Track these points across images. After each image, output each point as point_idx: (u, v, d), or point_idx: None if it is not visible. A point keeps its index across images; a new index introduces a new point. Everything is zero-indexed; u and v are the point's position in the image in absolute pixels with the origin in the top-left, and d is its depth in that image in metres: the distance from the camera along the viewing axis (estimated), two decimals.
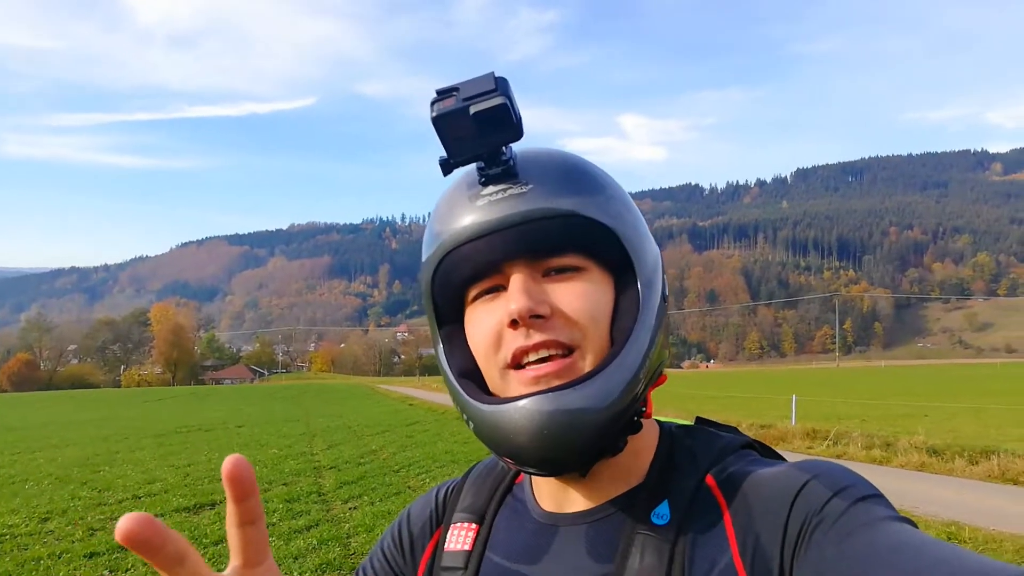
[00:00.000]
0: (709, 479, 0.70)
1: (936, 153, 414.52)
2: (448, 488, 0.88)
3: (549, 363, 0.66)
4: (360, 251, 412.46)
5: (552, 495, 0.76)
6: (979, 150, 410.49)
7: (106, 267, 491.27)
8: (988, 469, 10.22)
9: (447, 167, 0.66)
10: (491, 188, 0.68)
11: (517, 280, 0.67)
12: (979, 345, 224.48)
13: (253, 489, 0.47)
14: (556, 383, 0.65)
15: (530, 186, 0.67)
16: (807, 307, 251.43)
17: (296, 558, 6.50)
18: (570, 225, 0.67)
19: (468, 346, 0.73)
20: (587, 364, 0.67)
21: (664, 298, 0.73)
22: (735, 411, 21.08)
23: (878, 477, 10.19)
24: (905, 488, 9.35)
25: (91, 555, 6.68)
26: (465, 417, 0.70)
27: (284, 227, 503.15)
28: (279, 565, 6.30)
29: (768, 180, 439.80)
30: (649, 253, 0.73)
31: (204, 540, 7.15)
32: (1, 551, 7.03)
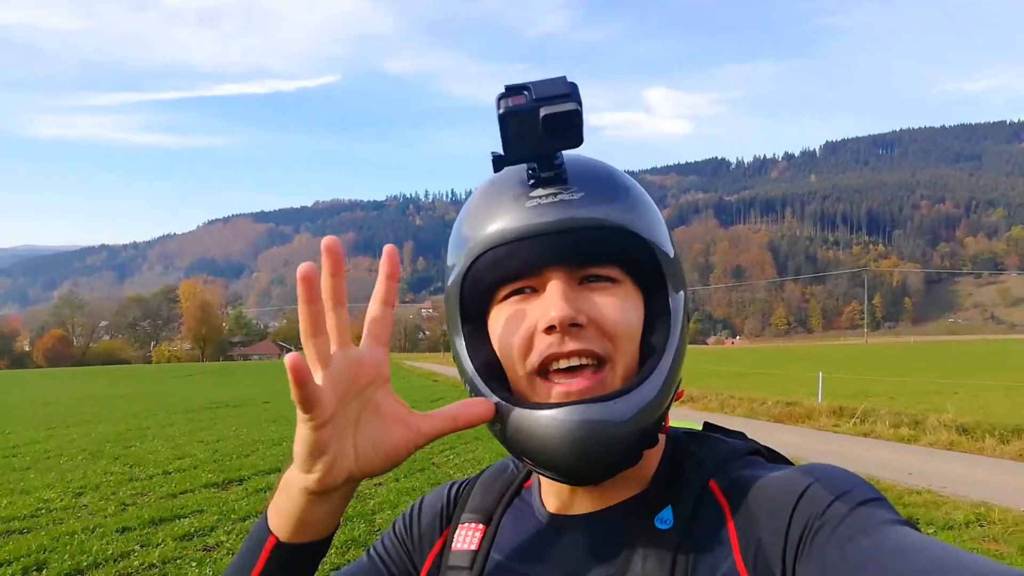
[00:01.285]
0: (712, 484, 0.70)
1: (970, 125, 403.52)
2: (460, 486, 0.89)
3: (580, 378, 0.67)
4: (384, 228, 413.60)
5: (558, 498, 0.77)
6: (1014, 121, 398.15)
7: (135, 245, 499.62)
8: (1020, 448, 10.03)
9: (500, 164, 0.66)
10: (540, 191, 0.68)
11: (557, 286, 0.67)
12: (1012, 320, 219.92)
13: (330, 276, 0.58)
14: (587, 398, 0.66)
15: (581, 193, 0.68)
16: (835, 282, 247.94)
17: None
18: (613, 237, 0.68)
19: (489, 344, 0.72)
20: (617, 378, 0.68)
21: (688, 317, 0.74)
22: (760, 388, 20.89)
23: (906, 456, 10.08)
24: (933, 467, 9.22)
25: (123, 530, 6.82)
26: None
27: (309, 204, 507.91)
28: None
29: (796, 154, 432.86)
30: (679, 270, 0.74)
31: (232, 516, 7.23)
32: (37, 525, 7.21)
